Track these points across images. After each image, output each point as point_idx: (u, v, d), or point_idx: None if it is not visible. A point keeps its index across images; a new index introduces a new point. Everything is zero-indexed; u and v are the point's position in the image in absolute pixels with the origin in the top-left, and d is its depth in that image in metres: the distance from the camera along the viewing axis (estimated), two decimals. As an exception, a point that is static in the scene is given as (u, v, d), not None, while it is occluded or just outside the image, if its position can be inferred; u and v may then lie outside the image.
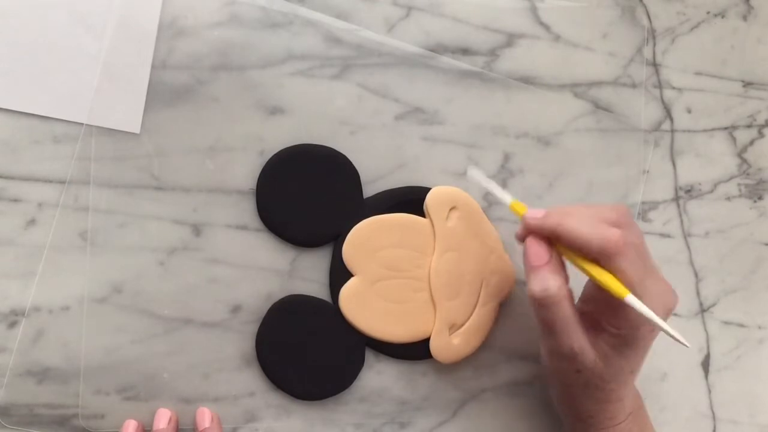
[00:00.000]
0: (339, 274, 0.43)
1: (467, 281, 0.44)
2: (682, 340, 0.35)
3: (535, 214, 0.39)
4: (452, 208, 0.44)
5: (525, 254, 0.39)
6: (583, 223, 0.37)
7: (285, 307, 0.43)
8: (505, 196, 0.42)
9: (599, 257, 0.37)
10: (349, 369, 0.44)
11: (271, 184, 0.43)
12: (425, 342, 0.44)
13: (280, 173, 0.43)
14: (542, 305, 0.38)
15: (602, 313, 0.39)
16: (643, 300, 0.37)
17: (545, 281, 0.38)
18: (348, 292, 0.43)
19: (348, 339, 0.44)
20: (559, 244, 0.39)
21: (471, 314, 0.45)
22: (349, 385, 0.44)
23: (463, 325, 0.44)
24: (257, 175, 0.43)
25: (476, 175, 0.43)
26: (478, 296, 0.45)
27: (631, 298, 0.36)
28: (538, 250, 0.38)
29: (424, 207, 0.44)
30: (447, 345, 0.44)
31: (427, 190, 0.44)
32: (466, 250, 0.44)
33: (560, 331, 0.38)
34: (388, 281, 0.43)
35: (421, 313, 0.44)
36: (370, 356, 0.45)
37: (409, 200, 0.44)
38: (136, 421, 0.42)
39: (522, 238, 0.40)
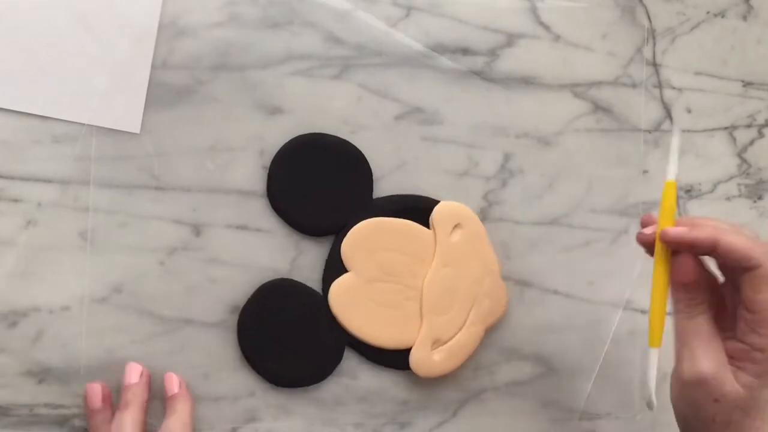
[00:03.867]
0: (334, 267, 0.43)
1: (459, 299, 0.44)
2: None
3: (677, 229, 0.38)
4: (457, 225, 0.44)
5: (673, 270, 0.38)
6: (739, 234, 0.37)
7: (275, 287, 0.43)
8: (670, 172, 0.40)
9: (758, 264, 0.35)
10: (325, 363, 0.44)
11: (286, 165, 0.43)
12: (406, 352, 0.44)
13: (296, 156, 0.43)
14: (688, 314, 0.37)
15: (748, 336, 0.36)
16: None
17: (694, 294, 0.37)
18: (339, 285, 0.43)
19: (330, 333, 0.43)
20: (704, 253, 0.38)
21: (456, 333, 0.44)
22: (321, 380, 0.44)
23: (446, 342, 0.44)
24: (258, 174, 0.43)
25: (675, 141, 0.40)
26: (467, 316, 0.44)
27: None
28: (686, 269, 0.37)
29: (430, 218, 0.44)
30: (427, 359, 0.44)
31: (436, 202, 0.44)
32: (464, 268, 0.44)
33: (702, 346, 0.36)
34: (382, 283, 0.43)
35: (407, 321, 0.44)
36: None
37: (417, 209, 0.44)
38: (99, 384, 0.41)
39: (644, 240, 0.39)
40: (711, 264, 0.39)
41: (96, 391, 0.41)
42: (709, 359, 0.36)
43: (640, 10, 0.48)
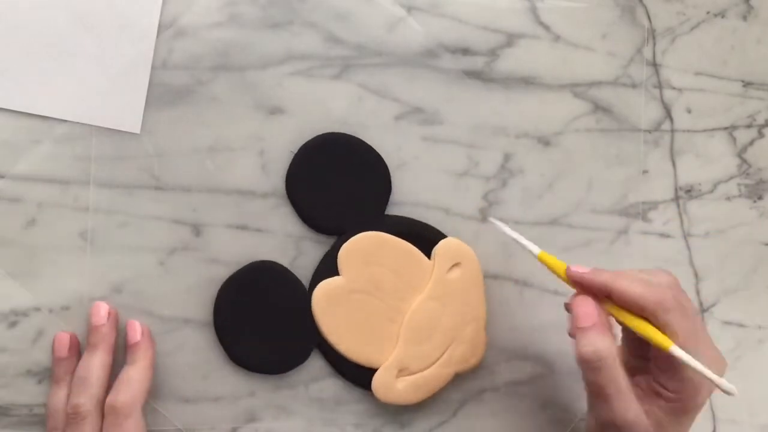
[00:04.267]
0: (327, 267, 0.43)
1: (437, 336, 0.44)
2: (735, 392, 0.34)
3: (579, 268, 0.38)
4: (457, 264, 0.44)
5: (573, 314, 0.38)
6: (635, 281, 0.37)
7: (265, 268, 0.43)
8: (533, 247, 0.41)
9: (652, 313, 0.36)
10: (289, 358, 0.43)
11: (311, 157, 0.43)
12: (369, 371, 0.43)
13: (323, 151, 0.43)
14: (593, 368, 0.36)
15: (659, 376, 0.37)
16: (695, 357, 0.35)
17: (596, 342, 0.36)
18: (326, 287, 0.43)
19: (303, 330, 0.43)
20: (607, 300, 0.38)
21: (426, 368, 0.44)
22: (279, 372, 0.43)
23: (413, 374, 0.44)
24: (258, 174, 0.43)
25: (499, 225, 0.43)
26: (441, 356, 0.44)
27: (675, 349, 0.35)
28: (586, 310, 0.37)
29: (434, 250, 0.44)
30: (389, 384, 0.43)
31: (443, 236, 0.44)
32: (451, 307, 0.44)
33: (613, 396, 0.36)
34: (368, 297, 0.43)
35: (381, 341, 0.43)
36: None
37: (423, 237, 0.44)
38: (67, 333, 0.41)
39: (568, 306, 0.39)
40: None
41: (63, 339, 0.40)
42: (626, 407, 0.36)
43: (640, 10, 0.48)
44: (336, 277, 0.43)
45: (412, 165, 0.45)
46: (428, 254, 0.44)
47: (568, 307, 0.39)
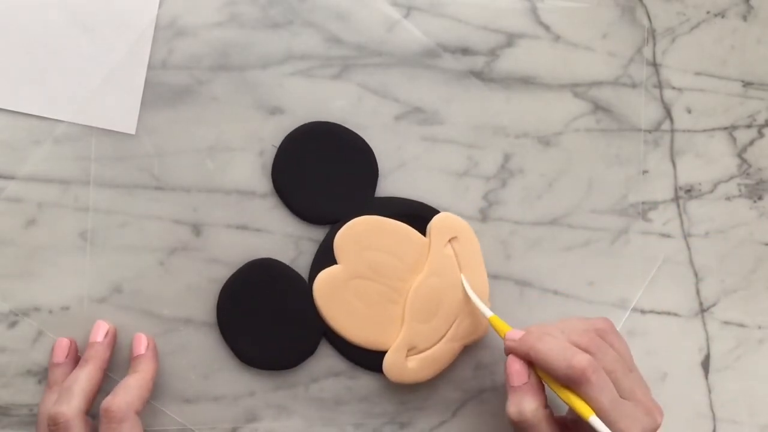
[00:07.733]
0: (324, 257, 0.43)
1: (442, 312, 0.44)
2: None
3: (514, 335, 0.39)
4: (453, 238, 0.44)
5: (505, 373, 0.39)
6: (553, 347, 0.37)
7: (263, 265, 0.43)
8: (486, 311, 0.42)
9: (567, 383, 0.37)
10: (298, 351, 0.44)
11: (294, 149, 0.43)
12: (379, 354, 0.44)
13: (305, 141, 0.43)
14: (517, 427, 0.38)
15: (582, 428, 0.38)
16: (616, 424, 0.36)
17: (521, 403, 0.38)
18: (325, 276, 0.43)
19: (307, 322, 0.43)
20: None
21: (434, 345, 0.44)
22: (290, 367, 0.43)
23: (422, 351, 0.44)
24: (258, 174, 0.43)
25: (465, 283, 0.44)
26: (447, 331, 0.44)
27: (594, 419, 0.35)
28: (517, 370, 0.39)
29: (428, 227, 0.44)
30: (400, 364, 0.43)
31: (436, 211, 0.44)
32: (452, 282, 0.44)
33: None
34: (368, 282, 0.43)
35: (386, 324, 0.43)
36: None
37: (417, 215, 0.44)
38: (68, 339, 0.41)
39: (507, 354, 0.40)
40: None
41: (62, 345, 0.41)
42: None
43: (640, 10, 0.48)
44: (334, 266, 0.43)
45: (411, 165, 0.45)
46: (423, 232, 0.44)
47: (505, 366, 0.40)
